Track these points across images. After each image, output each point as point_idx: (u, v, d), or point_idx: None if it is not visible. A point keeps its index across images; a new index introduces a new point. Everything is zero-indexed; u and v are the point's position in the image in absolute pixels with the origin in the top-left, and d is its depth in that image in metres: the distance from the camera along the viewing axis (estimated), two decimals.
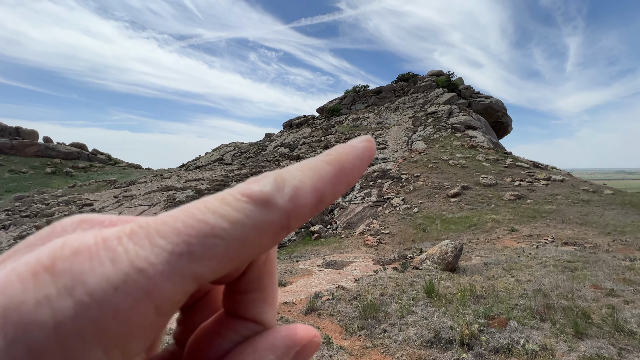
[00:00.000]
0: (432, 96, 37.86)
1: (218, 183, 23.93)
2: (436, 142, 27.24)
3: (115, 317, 0.13)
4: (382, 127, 33.22)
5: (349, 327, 4.75)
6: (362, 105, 42.37)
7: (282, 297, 6.52)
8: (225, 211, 0.15)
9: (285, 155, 29.84)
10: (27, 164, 35.12)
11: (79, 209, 20.14)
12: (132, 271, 0.13)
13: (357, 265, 9.31)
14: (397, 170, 22.51)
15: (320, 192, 0.17)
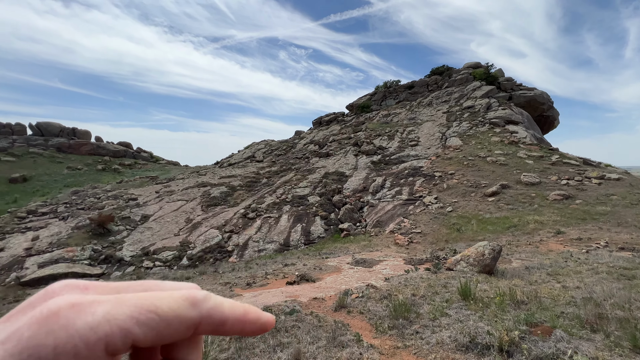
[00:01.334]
0: (469, 90, 35.99)
1: (250, 180, 24.67)
2: (472, 138, 25.90)
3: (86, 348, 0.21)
4: (414, 123, 32.21)
5: (379, 326, 4.70)
6: (393, 101, 41.37)
7: (311, 292, 6.60)
8: (169, 301, 0.24)
9: (314, 153, 30.02)
10: (81, 161, 38.72)
11: (126, 202, 21.81)
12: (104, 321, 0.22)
13: (387, 264, 9.16)
14: (430, 168, 21.74)
15: (225, 319, 0.27)
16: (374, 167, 23.89)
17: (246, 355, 3.70)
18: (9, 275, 13.44)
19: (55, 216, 20.14)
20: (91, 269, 13.99)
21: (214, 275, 10.75)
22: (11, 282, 13.03)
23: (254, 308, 0.29)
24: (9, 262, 14.46)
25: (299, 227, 16.95)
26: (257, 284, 7.74)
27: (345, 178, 22.72)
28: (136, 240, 16.29)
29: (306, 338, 4.16)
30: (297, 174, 24.81)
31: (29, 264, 14.16)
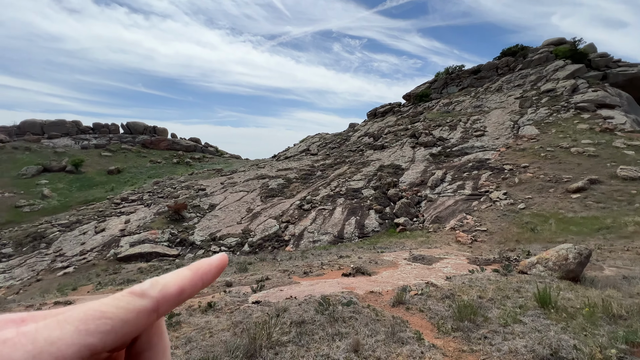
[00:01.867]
0: (549, 71, 31.49)
1: (305, 172, 25.34)
2: (552, 125, 22.70)
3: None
4: (480, 111, 29.42)
5: (442, 326, 4.45)
6: (455, 88, 38.29)
7: (367, 286, 6.55)
8: (114, 302, 0.25)
9: (369, 145, 29.48)
10: (160, 155, 44.06)
11: (196, 192, 24.24)
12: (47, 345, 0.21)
13: (449, 263, 8.62)
14: (499, 160, 19.71)
15: (180, 287, 0.27)
16: (433, 160, 22.55)
17: (306, 341, 3.83)
18: (109, 251, 16.06)
19: (142, 203, 23.34)
20: (169, 250, 15.94)
21: (273, 263, 11.37)
22: (110, 257, 15.55)
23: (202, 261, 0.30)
24: (109, 240, 17.25)
25: (353, 220, 16.91)
26: (314, 274, 7.95)
27: (401, 171, 21.90)
28: (205, 227, 18.03)
29: (364, 330, 4.14)
30: (351, 166, 24.69)
31: (123, 242, 16.71)
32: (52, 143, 40.46)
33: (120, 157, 40.74)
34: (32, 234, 19.15)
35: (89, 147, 41.46)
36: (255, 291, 6.39)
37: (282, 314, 4.65)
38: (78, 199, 28.39)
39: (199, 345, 3.88)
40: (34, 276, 14.74)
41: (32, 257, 16.61)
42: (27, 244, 18.12)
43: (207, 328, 4.41)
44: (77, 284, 11.62)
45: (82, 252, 16.35)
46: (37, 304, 7.52)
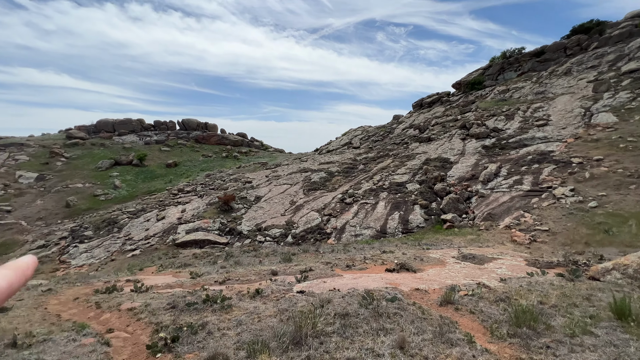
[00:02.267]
0: (632, 48, 27.11)
1: (347, 166, 25.21)
2: (635, 112, 19.60)
3: None
4: (543, 98, 26.45)
5: (496, 330, 4.15)
6: (513, 74, 34.84)
7: (412, 283, 6.35)
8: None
9: (414, 137, 28.29)
10: (211, 150, 47.13)
11: (243, 185, 25.54)
12: None
13: (503, 263, 7.99)
14: (565, 153, 17.62)
15: (9, 282, 0.31)
16: (485, 152, 20.92)
17: (350, 333, 3.85)
18: (168, 237, 17.71)
19: (195, 194, 25.27)
20: (220, 238, 17.07)
21: (316, 254, 11.57)
22: (169, 242, 17.15)
23: (19, 260, 0.33)
24: (168, 227, 19.01)
25: (397, 215, 16.46)
26: (356, 267, 7.93)
27: (449, 165, 20.70)
28: (251, 217, 18.95)
29: (410, 328, 4.03)
30: (395, 160, 23.96)
31: (180, 229, 18.29)
32: (121, 139, 45.51)
33: (177, 151, 44.40)
34: (107, 219, 21.86)
35: (150, 143, 45.85)
36: (300, 281, 6.57)
37: (326, 305, 4.72)
38: (142, 189, 31.67)
39: (249, 328, 4.11)
40: (109, 256, 16.86)
41: (107, 239, 19.00)
42: (103, 228, 20.75)
43: (256, 313, 4.65)
44: (143, 265, 13.03)
45: (146, 237, 18.27)
46: (112, 280, 8.58)
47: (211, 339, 3.83)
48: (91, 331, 4.36)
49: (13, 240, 21.46)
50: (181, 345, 3.71)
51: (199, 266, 10.91)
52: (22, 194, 29.29)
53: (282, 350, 3.45)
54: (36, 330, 4.38)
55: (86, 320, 5.12)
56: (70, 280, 10.11)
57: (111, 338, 4.13)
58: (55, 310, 5.89)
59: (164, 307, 5.13)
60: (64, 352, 3.60)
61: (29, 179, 31.86)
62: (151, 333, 4.21)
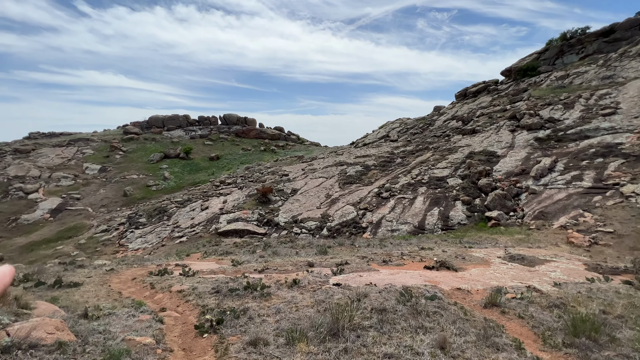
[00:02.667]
0: None
1: (384, 159, 24.66)
2: None
3: None
4: (611, 83, 23.42)
5: (549, 338, 3.84)
6: (575, 57, 31.24)
7: (453, 282, 6.08)
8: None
9: (456, 130, 26.76)
10: (250, 143, 48.91)
11: (280, 177, 26.19)
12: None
13: (558, 267, 7.32)
14: (637, 145, 15.52)
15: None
16: (538, 145, 19.17)
17: (388, 329, 3.80)
18: (211, 226, 18.82)
19: (236, 186, 26.46)
20: (258, 229, 17.75)
21: (351, 248, 11.55)
22: (212, 231, 18.21)
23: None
24: (211, 217, 20.18)
25: (436, 211, 15.80)
26: (393, 263, 7.78)
27: (496, 158, 19.31)
28: (288, 210, 19.40)
29: (451, 328, 3.87)
30: (435, 153, 22.91)
31: (222, 219, 19.33)
32: (170, 134, 48.95)
33: (219, 145, 46.71)
34: (158, 208, 23.78)
35: (195, 137, 48.74)
36: (335, 274, 6.61)
37: (362, 299, 4.70)
38: (188, 180, 33.90)
39: (287, 316, 4.24)
40: (160, 242, 18.38)
41: (158, 226, 20.70)
42: (155, 215, 22.62)
43: (293, 302, 4.78)
44: (189, 251, 14.02)
45: (192, 225, 19.58)
46: (164, 264, 9.35)
47: (252, 324, 4.01)
48: (147, 309, 4.80)
49: (82, 225, 24.29)
50: (225, 328, 3.93)
51: (239, 254, 11.46)
52: (88, 183, 32.91)
53: (319, 340, 3.51)
54: (102, 305, 4.93)
55: (142, 298, 5.64)
56: (128, 262, 11.21)
57: (164, 316, 4.52)
58: (117, 287, 6.57)
59: (209, 291, 5.48)
60: (125, 326, 4.01)
61: (93, 170, 35.67)
62: (198, 314, 4.52)
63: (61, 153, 38.65)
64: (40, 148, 39.32)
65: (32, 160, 35.98)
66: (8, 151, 37.06)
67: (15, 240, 22.68)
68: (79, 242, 20.55)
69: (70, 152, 39.20)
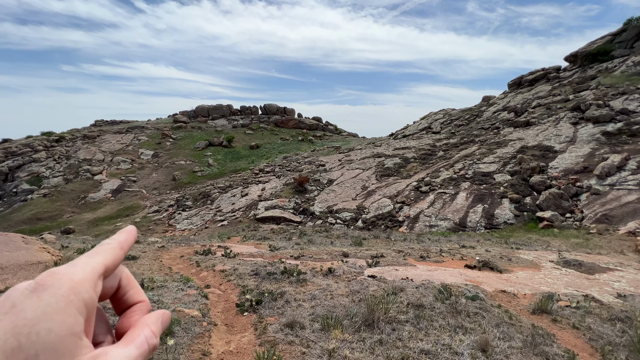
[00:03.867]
0: None
1: (425, 152, 23.67)
2: None
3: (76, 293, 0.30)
4: None
5: (608, 353, 3.47)
6: None
7: (497, 283, 5.72)
8: (100, 247, 0.37)
9: (507, 122, 24.72)
10: (288, 133, 49.78)
11: (317, 167, 26.41)
12: (79, 263, 0.33)
13: (623, 276, 6.55)
14: None
15: (126, 239, 0.39)
16: (606, 140, 17.06)
17: (424, 325, 3.71)
18: (250, 212, 19.65)
19: (274, 174, 27.23)
20: (294, 217, 18.18)
21: (387, 242, 11.37)
22: (251, 216, 19.02)
23: (126, 229, 0.41)
24: (250, 203, 21.06)
25: (480, 208, 14.89)
26: (431, 259, 7.52)
27: (552, 154, 17.58)
28: (323, 200, 19.56)
29: (493, 331, 3.67)
30: (482, 147, 21.45)
31: (260, 206, 20.08)
32: (214, 123, 51.52)
33: (259, 134, 48.19)
34: (202, 193, 25.36)
35: (237, 126, 50.75)
36: (371, 266, 6.57)
37: (398, 293, 4.63)
38: (230, 168, 35.58)
39: (322, 303, 4.32)
40: (204, 224, 19.66)
41: (202, 209, 22.12)
42: (200, 199, 24.18)
43: (328, 290, 4.85)
44: (230, 234, 14.82)
45: (232, 210, 20.62)
46: (207, 245, 10.00)
47: (288, 307, 4.15)
48: (194, 284, 5.19)
49: (137, 205, 26.79)
50: (263, 309, 4.12)
51: (276, 240, 11.85)
52: (143, 167, 36.02)
53: (354, 330, 3.53)
54: (155, 277, 5.43)
55: (190, 274, 6.11)
56: (176, 240, 12.16)
57: (208, 292, 4.85)
58: (167, 263, 7.18)
59: (248, 273, 5.76)
60: (175, 298, 4.39)
61: (147, 155, 38.91)
62: (239, 294, 4.79)
63: (121, 139, 42.62)
64: (104, 134, 43.71)
65: (97, 145, 40.16)
66: (78, 137, 41.75)
67: (84, 216, 25.74)
68: (135, 220, 22.72)
69: (128, 139, 43.05)
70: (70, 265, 0.32)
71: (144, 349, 0.34)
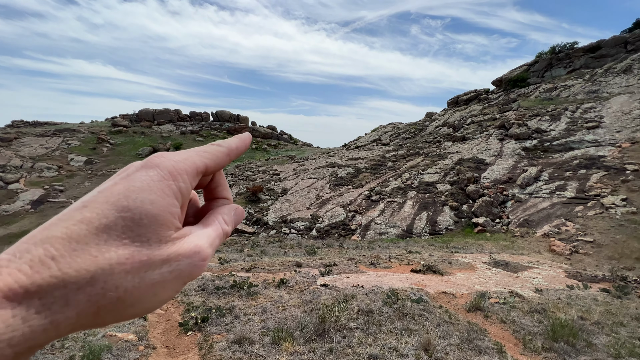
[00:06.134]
0: None
1: (375, 163, 24.83)
2: None
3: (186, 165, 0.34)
4: (596, 97, 24.24)
5: (529, 342, 3.93)
6: (562, 71, 32.22)
7: (439, 285, 6.17)
8: (207, 147, 0.39)
9: (447, 136, 27.20)
10: None
11: (271, 177, 26.06)
12: (183, 156, 0.36)
13: (539, 273, 7.51)
14: (618, 158, 16.09)
15: (236, 145, 0.41)
16: (525, 155, 19.66)
17: (373, 330, 3.82)
18: None
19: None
20: (247, 227, 17.60)
21: (340, 250, 11.58)
22: None
23: (240, 135, 0.43)
24: None
25: (425, 215, 16.00)
26: (381, 265, 7.83)
27: (484, 166, 19.70)
28: (277, 209, 19.31)
29: (435, 331, 3.93)
30: (426, 158, 23.22)
31: None
32: (160, 128, 48.10)
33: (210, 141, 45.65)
34: None
35: (186, 133, 48.04)
36: (323, 275, 6.62)
37: (349, 300, 4.72)
38: None
39: (273, 316, 4.22)
40: None
41: None
42: None
43: (280, 302, 4.76)
44: None
45: None
46: None
47: (238, 323, 3.97)
48: None
49: None
50: (210, 326, 3.89)
51: (227, 252, 11.33)
52: (73, 175, 32.02)
53: (305, 340, 3.50)
54: None
55: None
56: None
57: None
58: None
59: (194, 288, 5.40)
60: None
61: (79, 162, 34.72)
62: (183, 312, 4.46)
63: (45, 143, 37.49)
64: (23, 137, 38.06)
65: (14, 149, 34.79)
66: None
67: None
68: None
69: (55, 143, 38.07)
70: (177, 154, 0.35)
71: (219, 232, 0.37)
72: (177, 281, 0.32)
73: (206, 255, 0.34)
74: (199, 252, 0.33)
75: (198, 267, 0.33)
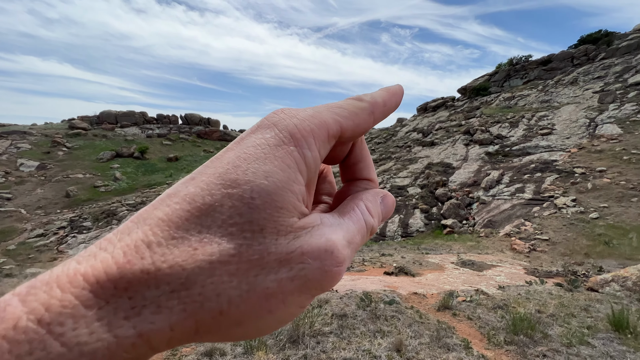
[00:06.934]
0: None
1: None
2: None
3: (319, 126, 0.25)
4: (548, 107, 26.42)
5: (493, 337, 4.15)
6: (519, 81, 34.81)
7: (411, 287, 6.35)
8: (343, 102, 0.28)
9: (417, 141, 28.28)
10: (213, 145, 47.21)
11: None
12: (314, 112, 0.26)
13: (502, 271, 7.98)
14: (568, 163, 17.59)
15: (384, 100, 0.29)
16: (488, 159, 20.91)
17: (347, 334, 3.85)
18: None
19: None
20: None
21: None
22: None
23: (391, 86, 0.32)
24: None
25: (397, 218, 16.45)
26: (355, 269, 7.93)
27: (451, 170, 20.69)
28: None
29: (407, 331, 4.03)
30: (397, 163, 23.97)
31: None
32: (124, 132, 45.56)
33: (179, 145, 44.45)
34: (106, 211, 21.90)
35: (152, 136, 45.89)
36: None
37: (324, 305, 4.72)
38: (143, 182, 31.71)
39: None
40: None
41: (105, 230, 19.02)
42: (102, 219, 20.78)
43: None
44: None
45: None
46: None
47: None
48: None
49: (12, 228, 21.51)
50: None
51: None
52: (23, 182, 29.35)
53: (279, 348, 3.45)
54: None
55: None
56: None
57: None
58: None
59: None
60: None
61: (30, 167, 31.93)
62: None
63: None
64: None
65: None
66: None
67: None
68: (8, 248, 18.18)
69: (2, 146, 34.79)
70: (303, 109, 0.26)
71: (361, 226, 0.26)
72: (301, 293, 0.22)
73: (342, 258, 0.23)
74: (332, 252, 0.22)
75: (330, 276, 0.22)
